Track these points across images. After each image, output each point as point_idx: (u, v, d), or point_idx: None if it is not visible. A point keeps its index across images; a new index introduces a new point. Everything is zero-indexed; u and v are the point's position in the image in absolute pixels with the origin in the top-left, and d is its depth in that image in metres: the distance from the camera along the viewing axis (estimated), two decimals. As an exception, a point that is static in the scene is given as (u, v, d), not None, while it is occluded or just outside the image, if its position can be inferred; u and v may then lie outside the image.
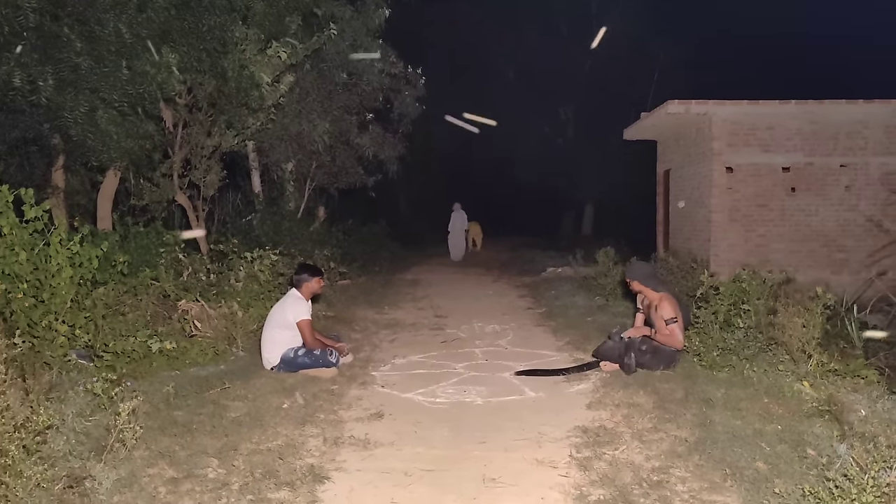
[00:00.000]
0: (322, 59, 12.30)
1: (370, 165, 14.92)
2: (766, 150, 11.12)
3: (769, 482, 3.55)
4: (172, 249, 8.64)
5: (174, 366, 6.01)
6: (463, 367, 6.55)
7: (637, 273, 6.32)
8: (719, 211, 11.17)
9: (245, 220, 13.17)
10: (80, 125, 7.59)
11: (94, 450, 3.95)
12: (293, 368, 6.03)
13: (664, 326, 5.94)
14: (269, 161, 13.54)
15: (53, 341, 5.49)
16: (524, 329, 8.55)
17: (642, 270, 6.35)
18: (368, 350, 7.34)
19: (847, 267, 11.04)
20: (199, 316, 6.85)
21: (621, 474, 3.81)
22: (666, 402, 5.06)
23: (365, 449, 4.32)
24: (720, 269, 10.28)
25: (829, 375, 5.29)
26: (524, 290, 12.28)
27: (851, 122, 11.05)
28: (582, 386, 5.75)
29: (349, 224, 16.74)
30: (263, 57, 8.96)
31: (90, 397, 4.67)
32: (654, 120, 12.43)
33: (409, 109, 14.86)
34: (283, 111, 11.26)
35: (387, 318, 9.46)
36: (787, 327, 5.77)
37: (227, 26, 8.34)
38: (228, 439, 4.34)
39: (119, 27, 7.38)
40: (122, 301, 6.75)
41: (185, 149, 10.12)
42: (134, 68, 7.60)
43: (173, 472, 3.82)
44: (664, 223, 14.29)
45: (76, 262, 5.88)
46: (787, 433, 4.27)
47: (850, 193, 11.10)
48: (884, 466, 3.19)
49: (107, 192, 9.68)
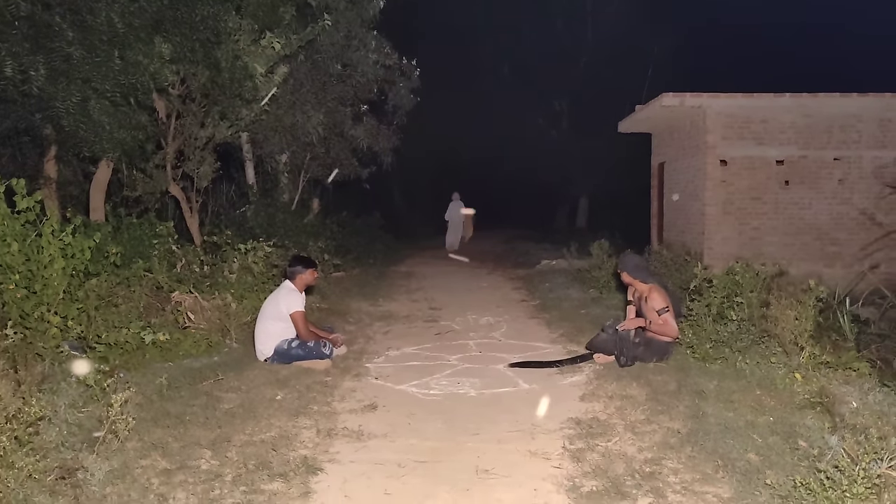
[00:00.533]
0: (316, 50, 12.24)
1: (364, 157, 14.88)
2: (761, 143, 11.15)
3: (761, 473, 3.57)
4: (166, 241, 8.60)
5: (167, 357, 6.00)
6: (457, 359, 6.56)
7: (627, 265, 6.31)
8: (713, 204, 11.19)
9: (239, 212, 13.12)
10: (73, 115, 7.53)
11: (86, 441, 3.95)
12: (287, 360, 6.03)
13: (657, 318, 5.95)
14: (263, 152, 13.48)
15: (46, 332, 5.47)
16: (518, 321, 8.56)
17: (632, 262, 6.34)
18: (362, 342, 7.34)
19: (840, 260, 11.09)
20: (193, 307, 6.82)
21: (614, 466, 3.83)
22: (659, 394, 5.07)
23: (358, 440, 4.32)
24: (714, 262, 10.31)
25: (821, 368, 5.31)
26: (518, 282, 12.28)
27: (845, 115, 11.07)
28: (575, 378, 5.77)
29: (343, 216, 16.70)
30: (257, 48, 8.91)
31: (82, 388, 4.66)
32: (649, 113, 12.43)
33: (403, 101, 14.83)
34: (276, 102, 11.20)
35: (381, 310, 9.46)
36: (780, 320, 5.79)
37: (221, 16, 8.28)
38: (221, 431, 4.34)
39: (111, 17, 7.32)
40: (115, 292, 6.71)
41: (178, 140, 10.06)
42: (126, 58, 7.54)
43: (166, 463, 3.82)
44: (658, 216, 14.32)
45: (68, 254, 5.85)
46: (779, 425, 4.29)
47: (843, 187, 11.14)
48: (874, 458, 3.22)
49: (99, 183, 9.62)
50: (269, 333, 6.13)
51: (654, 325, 5.98)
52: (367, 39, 13.03)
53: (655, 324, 5.97)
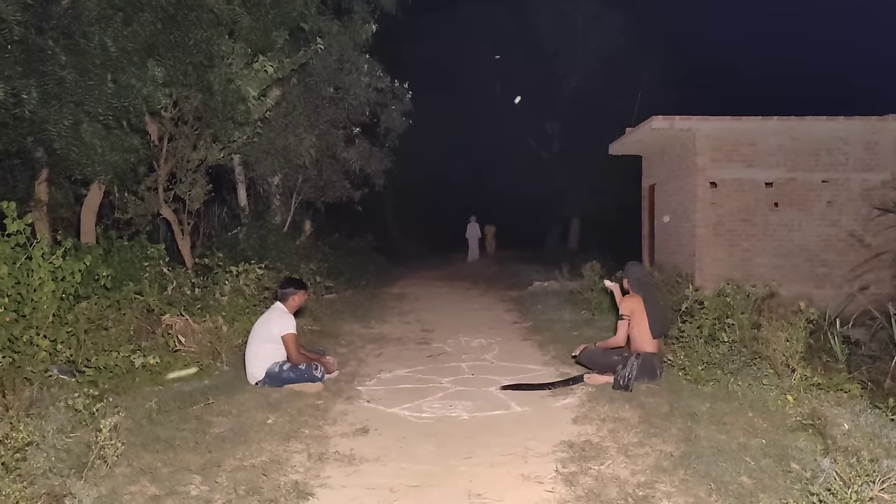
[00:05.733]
0: (309, 74, 12.34)
1: (357, 179, 14.93)
2: (750, 166, 11.25)
3: (754, 497, 3.56)
4: (157, 263, 8.56)
5: (157, 381, 5.95)
6: (449, 382, 6.53)
7: (631, 274, 6.45)
8: (704, 225, 11.26)
9: (231, 234, 13.09)
10: (65, 138, 7.53)
11: (74, 467, 3.89)
12: (278, 383, 5.99)
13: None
14: (255, 174, 13.51)
15: (34, 356, 5.42)
16: (510, 343, 8.55)
17: (634, 274, 6.46)
18: (354, 364, 7.30)
19: (829, 281, 11.16)
20: (184, 330, 6.78)
21: (607, 489, 3.81)
22: (651, 417, 5.06)
23: (350, 465, 4.29)
24: (705, 284, 10.35)
25: (813, 389, 5.32)
26: (511, 304, 12.29)
27: (832, 138, 11.21)
28: (568, 400, 5.75)
29: (336, 238, 16.70)
30: (250, 71, 8.97)
31: (71, 413, 4.61)
32: (639, 135, 12.55)
33: (395, 124, 14.92)
34: (269, 125, 11.25)
35: (373, 332, 9.43)
36: (771, 341, 5.80)
37: (214, 40, 8.34)
38: (212, 455, 4.29)
39: (104, 40, 7.35)
40: (105, 315, 6.66)
41: (170, 162, 10.07)
42: (119, 81, 7.57)
43: (155, 489, 3.77)
44: (650, 237, 14.39)
45: (58, 277, 5.83)
46: (772, 447, 4.29)
47: (831, 209, 11.24)
48: (867, 480, 3.22)
49: (91, 206, 9.60)
50: (261, 356, 6.09)
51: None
52: (359, 63, 13.16)
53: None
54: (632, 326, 6.17)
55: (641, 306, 6.13)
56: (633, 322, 6.15)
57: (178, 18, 8.00)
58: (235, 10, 8.70)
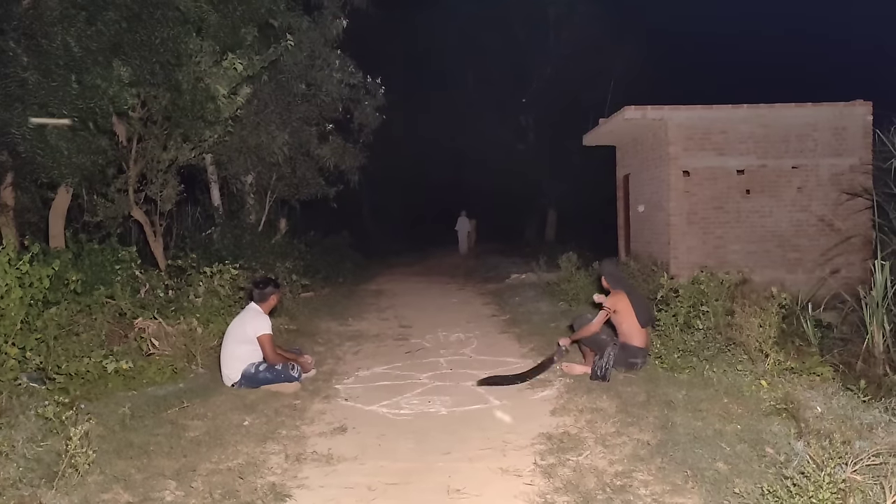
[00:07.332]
0: (280, 71, 12.21)
1: (331, 176, 14.83)
2: (721, 154, 11.35)
3: (729, 482, 3.59)
4: (129, 266, 8.42)
5: (131, 386, 5.86)
6: (427, 378, 6.52)
7: (604, 270, 6.57)
8: (677, 214, 11.35)
9: (205, 235, 12.94)
10: (29, 141, 7.40)
11: (45, 476, 3.82)
12: (254, 384, 5.93)
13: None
14: (228, 174, 13.36)
15: (3, 364, 5.30)
16: (489, 336, 8.55)
17: (607, 269, 6.55)
18: (332, 363, 7.26)
19: (801, 266, 11.31)
20: (157, 334, 6.69)
21: (585, 480, 3.82)
22: (629, 406, 5.10)
23: (328, 464, 4.26)
24: (680, 272, 10.44)
25: (786, 374, 5.39)
26: (488, 297, 12.30)
27: (801, 124, 11.34)
28: (546, 392, 5.77)
29: (311, 236, 16.59)
30: (219, 69, 8.84)
31: (42, 422, 4.52)
32: (612, 126, 12.61)
33: (369, 119, 14.86)
34: (241, 123, 11.12)
35: (350, 329, 9.38)
36: (745, 327, 5.87)
37: (181, 38, 8.22)
38: (187, 460, 4.24)
39: (67, 41, 7.22)
40: (76, 321, 6.56)
41: (140, 163, 9.91)
42: (84, 82, 7.44)
43: (129, 496, 3.71)
44: (625, 227, 14.47)
45: (26, 283, 5.69)
46: (747, 432, 4.33)
47: (802, 194, 11.38)
48: (839, 463, 3.26)
49: (58, 210, 9.42)
50: (236, 357, 6.02)
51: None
52: (330, 59, 13.06)
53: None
54: (619, 322, 6.18)
55: (626, 301, 6.14)
56: (620, 318, 6.15)
57: (144, 17, 7.87)
58: (202, 8, 8.57)
